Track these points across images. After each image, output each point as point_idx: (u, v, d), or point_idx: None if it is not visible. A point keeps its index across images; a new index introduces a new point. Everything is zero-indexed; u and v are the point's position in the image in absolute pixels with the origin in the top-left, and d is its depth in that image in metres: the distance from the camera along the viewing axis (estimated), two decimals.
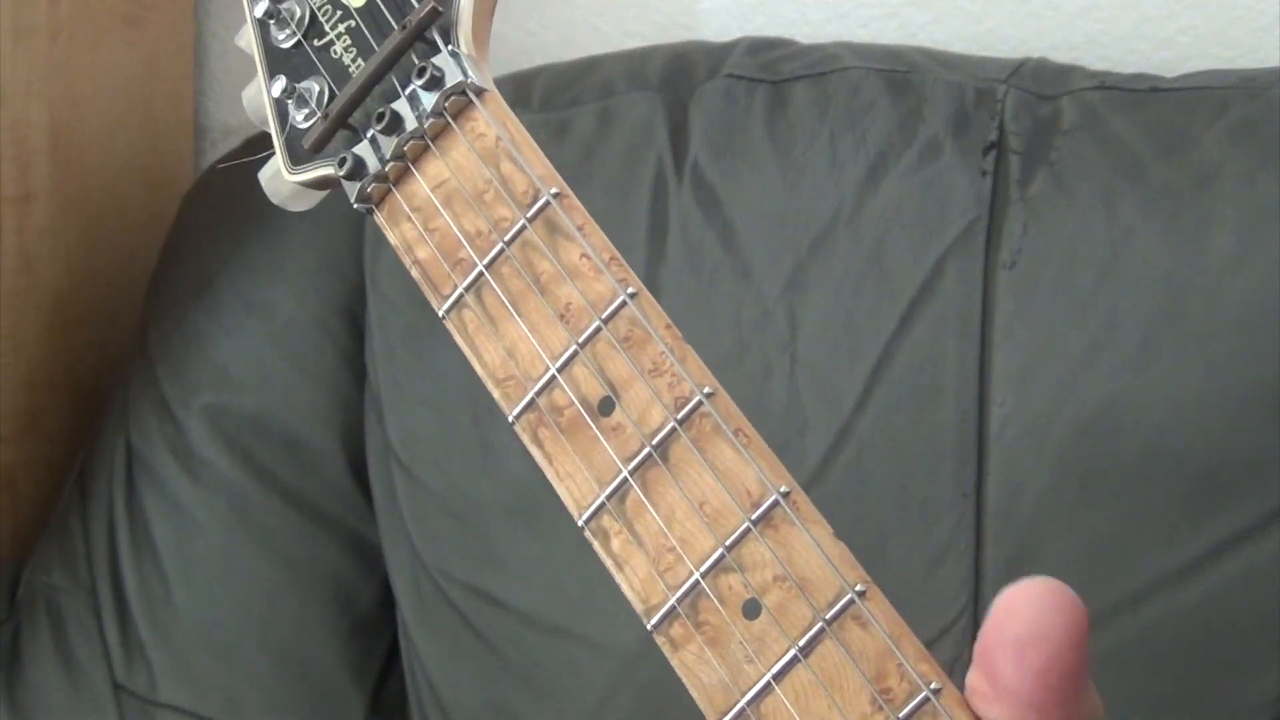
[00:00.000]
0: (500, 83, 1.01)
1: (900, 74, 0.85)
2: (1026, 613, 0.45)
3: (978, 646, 0.44)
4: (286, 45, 0.57)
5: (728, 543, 0.46)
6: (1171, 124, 0.81)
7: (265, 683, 0.91)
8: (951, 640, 0.78)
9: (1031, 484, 0.77)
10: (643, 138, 0.87)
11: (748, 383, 0.82)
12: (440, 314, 0.52)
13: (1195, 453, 0.75)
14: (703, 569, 0.46)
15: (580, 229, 0.51)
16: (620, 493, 0.48)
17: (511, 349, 0.50)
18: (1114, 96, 0.83)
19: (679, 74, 0.89)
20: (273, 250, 0.94)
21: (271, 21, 0.57)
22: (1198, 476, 0.75)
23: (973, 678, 0.44)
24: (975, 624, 0.78)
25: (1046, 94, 0.84)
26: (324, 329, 0.93)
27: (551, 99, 0.91)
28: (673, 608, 0.46)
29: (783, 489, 0.46)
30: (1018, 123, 0.82)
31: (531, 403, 0.50)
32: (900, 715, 0.44)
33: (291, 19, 0.57)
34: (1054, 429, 0.77)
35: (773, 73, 0.87)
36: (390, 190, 0.53)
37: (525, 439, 0.50)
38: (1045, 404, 0.78)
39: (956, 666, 0.82)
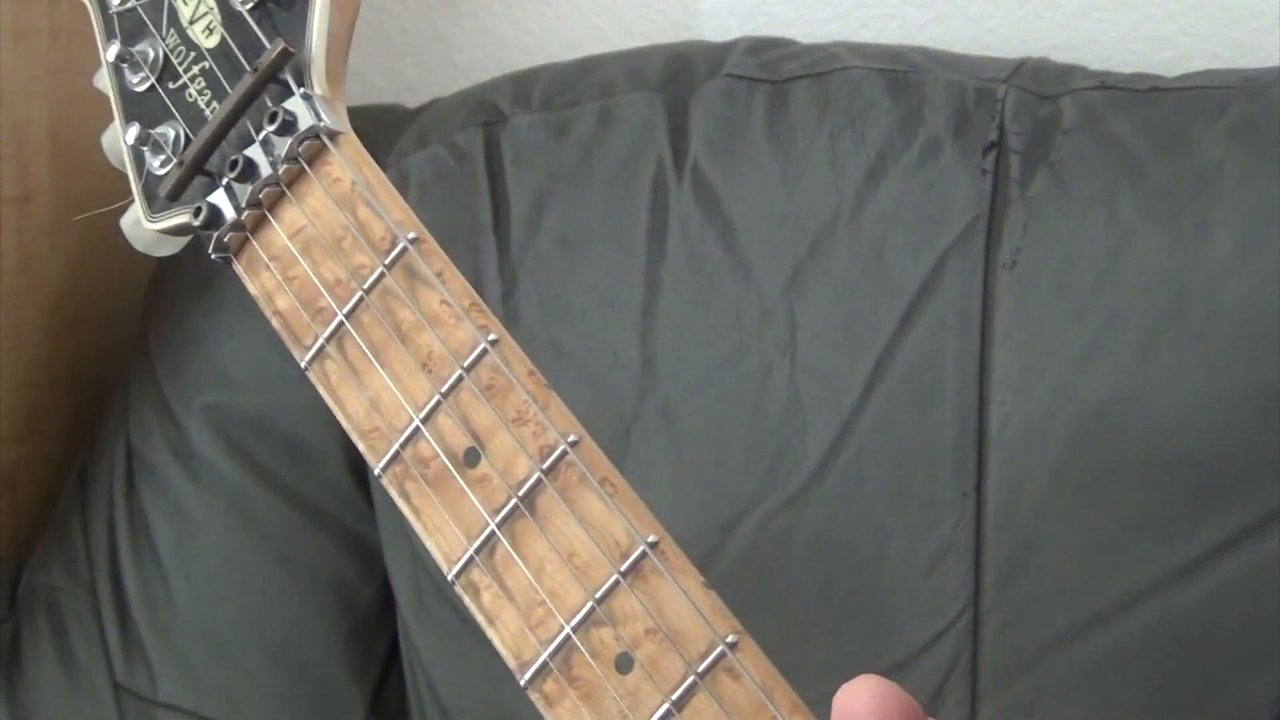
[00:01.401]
0: (500, 83, 1.01)
1: (900, 74, 0.85)
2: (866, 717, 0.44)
3: None
4: (141, 89, 0.56)
5: (597, 595, 0.45)
6: (1171, 124, 0.80)
7: (265, 683, 0.91)
8: (951, 640, 0.78)
9: (1031, 484, 0.77)
10: (643, 138, 0.87)
11: (748, 383, 0.82)
12: (302, 366, 0.51)
13: (1195, 453, 0.75)
14: (573, 623, 0.46)
15: (439, 275, 0.50)
16: (489, 546, 0.47)
17: (375, 400, 0.49)
18: (1114, 96, 0.83)
19: (679, 74, 0.89)
20: None
21: (125, 65, 0.56)
22: (1198, 476, 0.75)
23: None
24: (975, 624, 0.78)
25: (1047, 94, 0.84)
26: None
27: (551, 99, 0.91)
28: (545, 663, 0.46)
29: (650, 539, 0.45)
30: (1018, 123, 0.82)
31: (397, 455, 0.49)
32: None
33: (145, 62, 0.55)
34: (1054, 429, 0.77)
35: (773, 73, 0.87)
36: (248, 239, 0.52)
37: (392, 492, 0.49)
38: (1045, 404, 0.78)
39: (956, 667, 0.82)
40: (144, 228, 0.56)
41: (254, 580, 0.91)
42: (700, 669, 0.44)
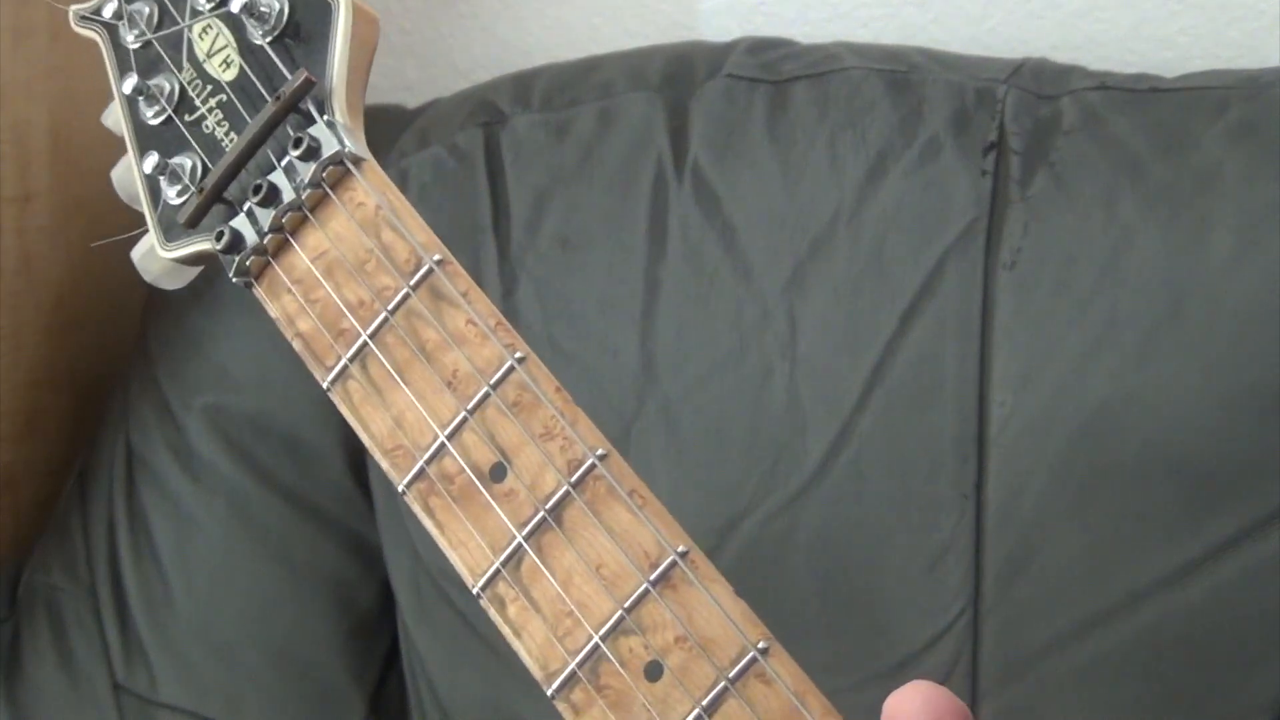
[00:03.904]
0: (500, 83, 1.01)
1: (900, 74, 0.85)
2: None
3: None
4: (156, 122, 0.56)
5: (626, 605, 0.46)
6: (1171, 124, 0.80)
7: (265, 683, 0.91)
8: (952, 640, 0.78)
9: (1031, 484, 0.77)
10: (643, 138, 0.87)
11: (748, 383, 0.82)
12: (324, 386, 0.51)
13: (1195, 453, 0.75)
14: (602, 632, 0.46)
15: (465, 295, 0.50)
16: (515, 559, 0.48)
17: (399, 418, 0.50)
18: (1114, 96, 0.83)
19: (679, 74, 0.89)
20: None
21: (140, 98, 0.56)
22: (1197, 476, 0.75)
23: None
24: (975, 624, 0.78)
25: (1047, 94, 0.84)
26: None
27: (551, 99, 0.91)
28: (573, 673, 0.46)
29: (680, 549, 0.46)
30: (1018, 123, 0.82)
31: (421, 472, 0.49)
32: None
33: (161, 95, 0.56)
34: (1054, 429, 0.77)
35: (773, 73, 0.87)
36: (269, 263, 0.53)
37: (416, 508, 0.49)
38: (1045, 404, 0.78)
39: (956, 667, 0.82)
40: (157, 257, 0.56)
41: (254, 580, 0.91)
42: (731, 675, 0.45)
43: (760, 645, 0.45)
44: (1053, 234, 0.79)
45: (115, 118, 0.58)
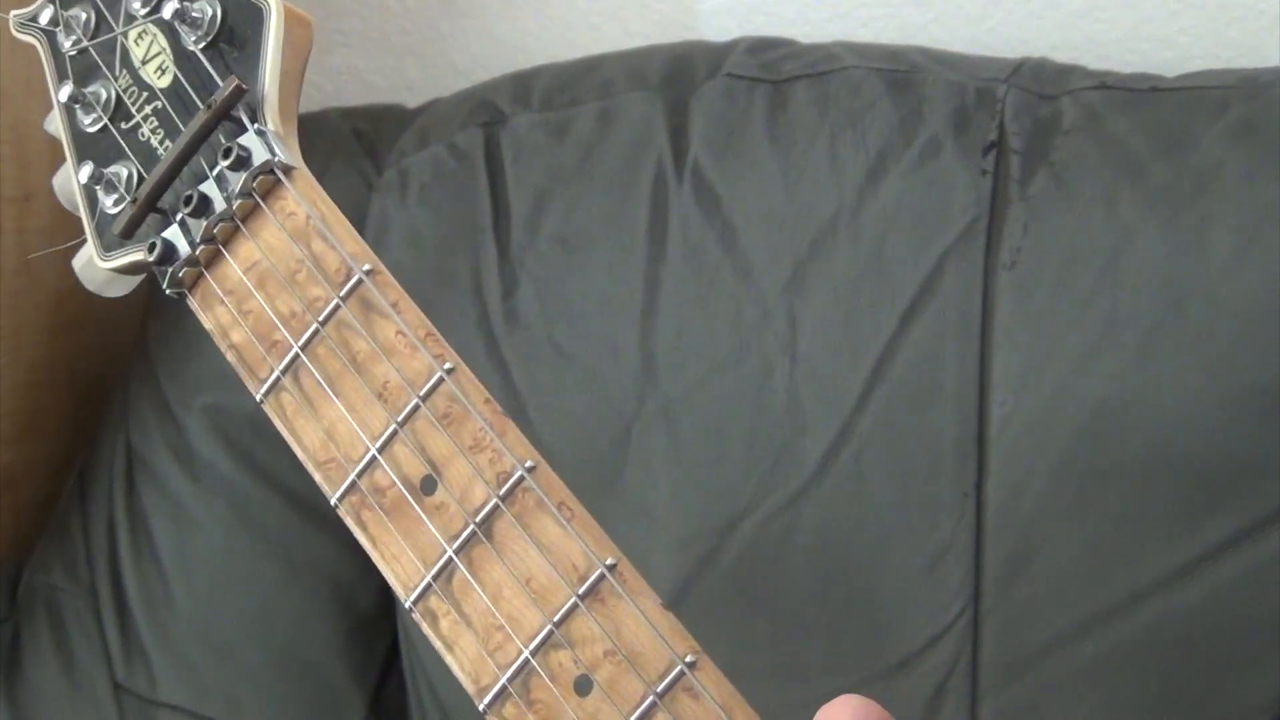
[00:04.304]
0: (500, 83, 1.01)
1: (900, 74, 0.85)
2: None
3: None
4: (93, 129, 0.56)
5: (555, 619, 0.46)
6: (1171, 124, 0.80)
7: (265, 683, 0.91)
8: (951, 640, 0.78)
9: (1031, 484, 0.77)
10: (643, 138, 0.87)
11: (748, 383, 0.82)
12: (258, 398, 0.51)
13: (1195, 453, 0.75)
14: (531, 646, 0.46)
15: (394, 305, 0.50)
16: (446, 572, 0.48)
17: (331, 430, 0.50)
18: (1114, 96, 0.83)
19: (679, 74, 0.89)
20: None
21: (77, 106, 0.56)
22: (1197, 476, 0.75)
23: None
24: (975, 624, 0.78)
25: (1047, 94, 0.84)
26: None
27: (551, 99, 0.91)
28: (504, 687, 0.46)
29: (608, 561, 0.46)
30: (1018, 122, 0.82)
31: (353, 485, 0.49)
32: None
33: (97, 102, 0.56)
34: (1054, 429, 0.77)
35: (773, 73, 0.87)
36: (202, 274, 0.53)
37: (349, 522, 0.49)
38: (1045, 404, 0.78)
39: (956, 667, 0.82)
40: (96, 267, 0.56)
41: (254, 580, 0.91)
42: (660, 689, 0.45)
43: (688, 659, 0.45)
44: (1053, 234, 0.79)
45: (56, 124, 0.58)
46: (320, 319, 0.50)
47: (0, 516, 1.00)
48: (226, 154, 0.52)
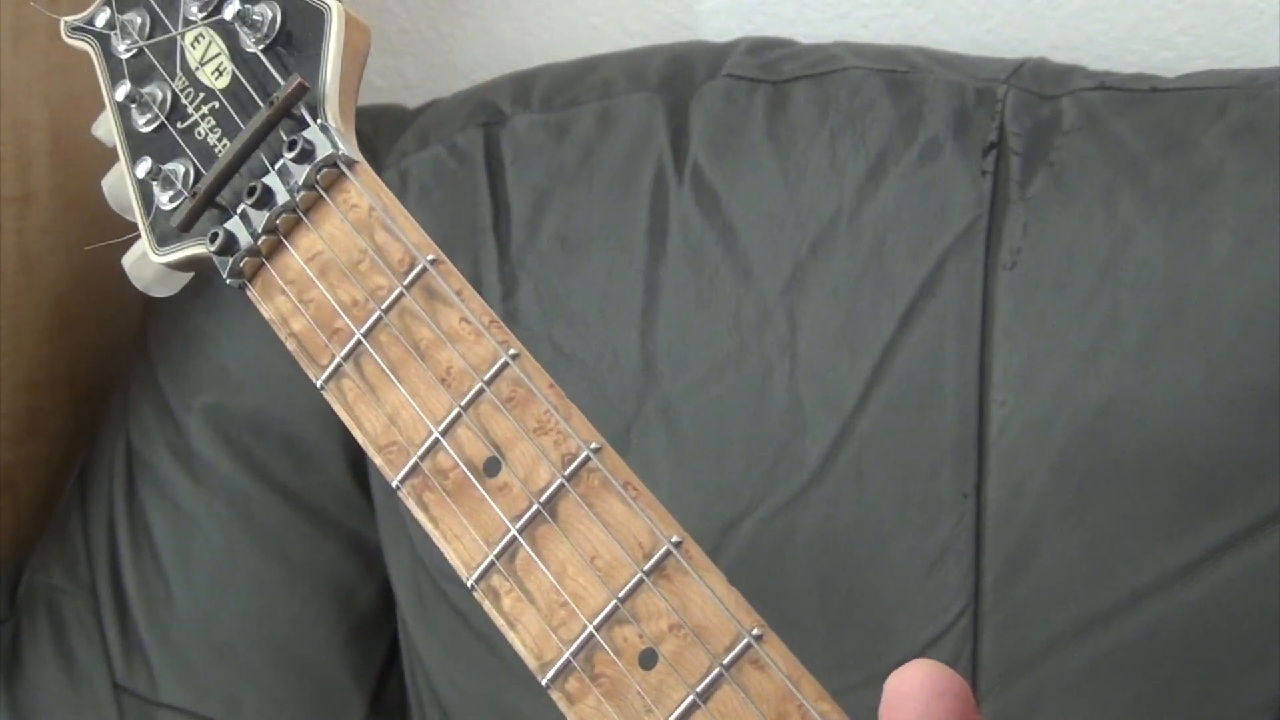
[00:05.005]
0: (500, 83, 1.01)
1: (900, 74, 0.85)
2: (918, 696, 0.45)
3: None
4: (148, 129, 0.57)
5: (621, 594, 0.46)
6: (1171, 124, 0.80)
7: (265, 683, 0.91)
8: (951, 640, 0.78)
9: (1031, 484, 0.77)
10: (643, 138, 0.87)
11: (748, 383, 0.82)
12: (318, 385, 0.52)
13: (1195, 453, 0.75)
14: (596, 621, 0.46)
15: (459, 293, 0.50)
16: (510, 551, 0.48)
17: (393, 415, 0.50)
18: (1114, 96, 0.83)
19: (679, 74, 0.89)
20: None
21: (133, 105, 0.57)
22: (1197, 476, 0.75)
23: None
24: (975, 624, 0.78)
25: (1047, 94, 0.84)
26: None
27: (551, 99, 0.91)
28: (568, 662, 0.47)
29: (674, 538, 0.46)
30: (1018, 123, 0.82)
31: (415, 467, 0.50)
32: None
33: (154, 103, 0.56)
34: (1054, 429, 0.77)
35: (773, 73, 0.87)
36: (263, 264, 0.53)
37: (410, 504, 0.49)
38: (1045, 404, 0.78)
39: (956, 667, 0.82)
40: (149, 263, 0.57)
41: (254, 580, 0.92)
42: (726, 661, 0.45)
43: (754, 631, 0.45)
44: (1053, 234, 0.79)
45: (106, 128, 0.59)
46: (383, 307, 0.51)
47: (0, 516, 1.00)
48: (291, 146, 0.52)
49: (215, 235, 0.54)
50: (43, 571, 0.95)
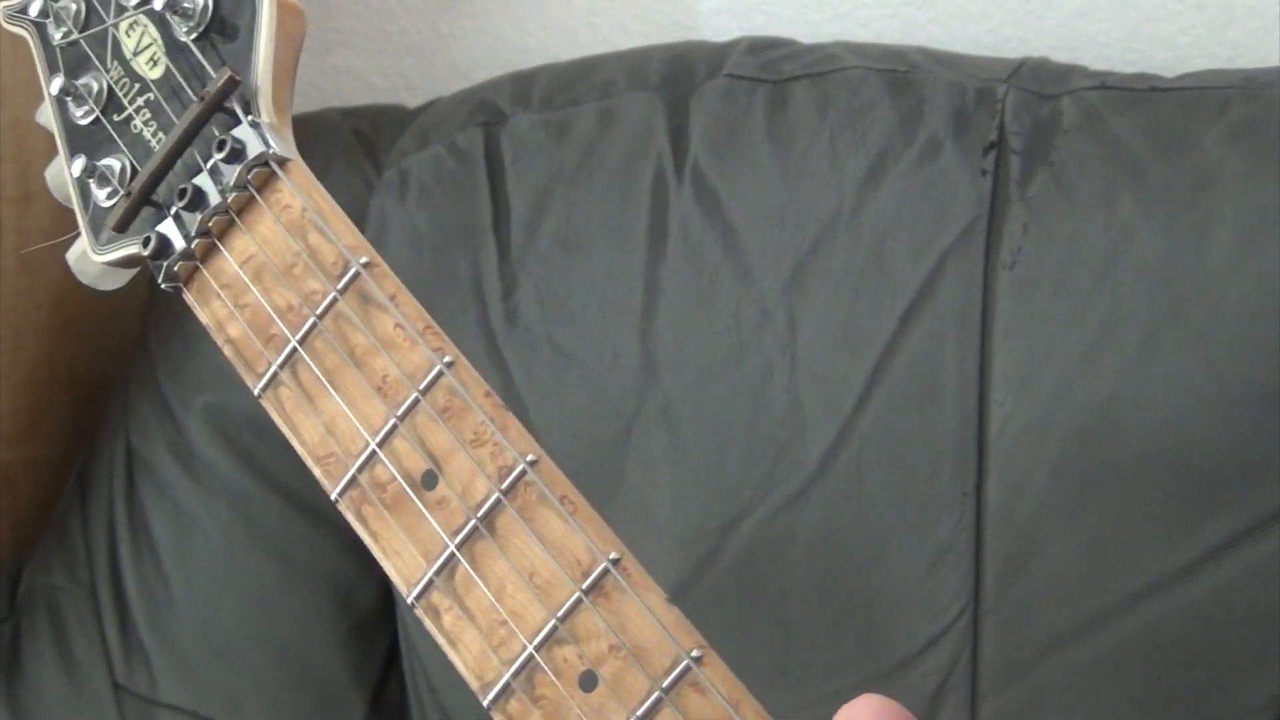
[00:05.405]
0: (500, 83, 1.01)
1: (900, 74, 0.85)
2: None
3: None
4: (85, 122, 0.55)
5: (559, 614, 0.45)
6: (1171, 124, 0.80)
7: (265, 683, 0.91)
8: (951, 640, 0.78)
9: (1031, 484, 0.77)
10: (643, 138, 0.87)
11: (748, 383, 0.82)
12: (255, 393, 0.51)
13: (1195, 453, 0.75)
14: (536, 642, 0.46)
15: (392, 299, 0.49)
16: (449, 568, 0.47)
17: (330, 425, 0.49)
18: (1114, 96, 0.83)
19: (679, 74, 0.89)
20: None
21: (69, 98, 0.55)
22: (1198, 476, 0.75)
23: None
24: (975, 624, 0.78)
25: (1047, 94, 0.84)
26: None
27: (551, 99, 0.91)
28: (508, 683, 0.46)
29: (612, 556, 0.45)
30: (1018, 123, 0.82)
31: (353, 480, 0.49)
32: None
33: (89, 95, 0.55)
34: (1054, 429, 0.77)
35: (773, 73, 0.87)
36: (198, 268, 0.52)
37: (350, 517, 0.49)
38: (1045, 404, 0.78)
39: (956, 667, 0.82)
40: (90, 260, 0.55)
41: (254, 580, 0.91)
42: (665, 684, 0.44)
43: (694, 653, 0.44)
44: (1053, 234, 0.79)
45: (47, 116, 0.57)
46: (317, 312, 0.50)
47: (0, 517, 1.00)
48: (220, 146, 0.51)
49: (148, 239, 0.52)
50: (43, 571, 0.95)
